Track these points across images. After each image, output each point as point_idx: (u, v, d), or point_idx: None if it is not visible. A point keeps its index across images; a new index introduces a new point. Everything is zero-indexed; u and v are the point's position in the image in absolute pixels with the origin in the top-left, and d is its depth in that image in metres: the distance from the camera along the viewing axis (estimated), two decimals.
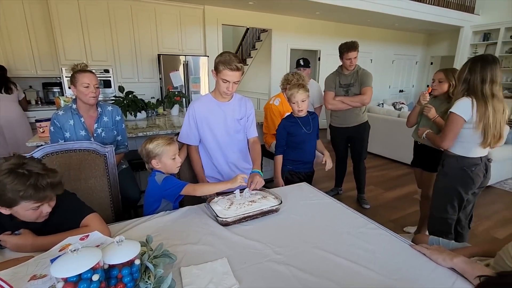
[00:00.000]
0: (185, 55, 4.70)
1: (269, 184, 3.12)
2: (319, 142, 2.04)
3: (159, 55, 4.59)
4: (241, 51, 7.98)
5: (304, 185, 1.71)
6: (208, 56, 4.90)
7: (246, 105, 1.71)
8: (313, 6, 4.75)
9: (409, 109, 5.21)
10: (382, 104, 5.76)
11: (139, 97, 3.10)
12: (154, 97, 3.56)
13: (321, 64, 6.29)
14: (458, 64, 6.91)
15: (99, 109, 1.76)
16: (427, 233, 1.94)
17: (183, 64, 4.68)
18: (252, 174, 1.51)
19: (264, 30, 6.41)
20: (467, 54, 6.81)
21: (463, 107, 1.51)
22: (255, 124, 1.78)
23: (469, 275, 0.89)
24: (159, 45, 4.68)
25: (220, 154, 1.68)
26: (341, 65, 2.68)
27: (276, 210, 1.31)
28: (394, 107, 5.82)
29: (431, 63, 8.14)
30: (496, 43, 6.34)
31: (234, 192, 1.35)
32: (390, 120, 4.33)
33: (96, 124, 1.75)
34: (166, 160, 1.33)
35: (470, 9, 6.48)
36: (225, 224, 1.20)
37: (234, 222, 1.21)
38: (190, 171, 1.79)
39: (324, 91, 2.84)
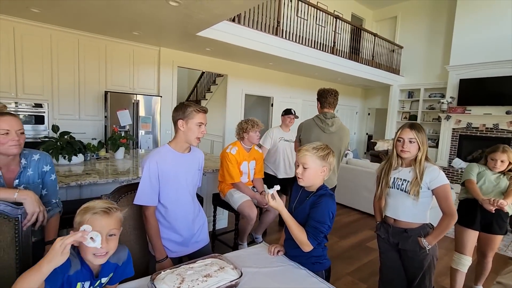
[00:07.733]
0: (135, 94, 4.48)
1: (223, 235, 2.89)
2: None
3: (106, 92, 4.28)
4: (195, 93, 7.98)
5: (261, 246, 1.57)
6: (161, 97, 4.74)
7: (200, 154, 1.64)
8: (267, 58, 5.06)
9: (354, 156, 5.60)
10: None
11: (79, 136, 2.74)
12: (95, 138, 3.18)
13: (273, 110, 6.57)
14: (390, 115, 7.91)
15: (23, 160, 1.41)
16: None
17: (133, 103, 4.42)
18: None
19: (219, 75, 6.57)
20: (396, 108, 7.87)
21: None
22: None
23: None
24: (107, 81, 4.40)
25: (181, 210, 1.51)
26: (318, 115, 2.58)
27: (235, 285, 1.14)
28: None
29: (369, 114, 9.15)
30: (418, 100, 7.45)
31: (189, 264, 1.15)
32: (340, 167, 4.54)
33: (17, 180, 1.35)
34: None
35: (396, 71, 7.63)
36: None
37: None
38: (135, 232, 1.53)
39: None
